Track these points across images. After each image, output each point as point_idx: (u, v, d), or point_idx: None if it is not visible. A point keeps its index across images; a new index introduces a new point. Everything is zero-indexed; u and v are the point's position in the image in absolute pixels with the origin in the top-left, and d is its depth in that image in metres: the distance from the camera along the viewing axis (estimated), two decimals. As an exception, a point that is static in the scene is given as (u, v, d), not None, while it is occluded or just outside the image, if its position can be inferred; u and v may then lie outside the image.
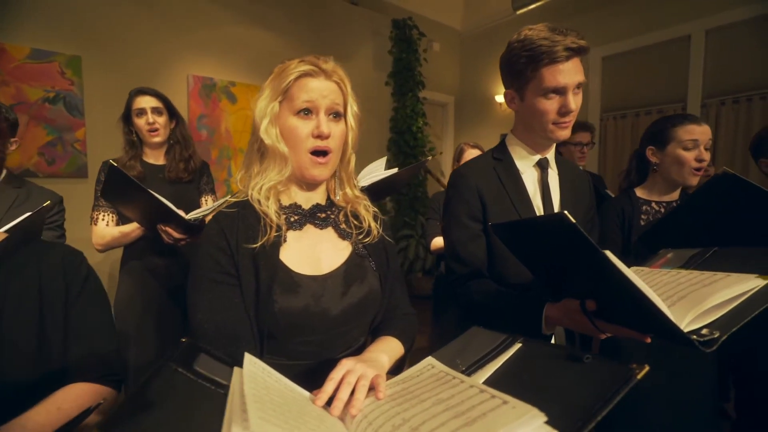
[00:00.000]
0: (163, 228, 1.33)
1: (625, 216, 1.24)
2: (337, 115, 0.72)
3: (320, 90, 0.69)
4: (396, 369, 0.72)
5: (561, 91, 0.87)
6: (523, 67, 0.89)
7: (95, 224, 1.53)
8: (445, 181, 3.52)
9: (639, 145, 1.34)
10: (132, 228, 1.46)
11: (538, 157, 0.99)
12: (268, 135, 0.70)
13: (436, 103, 5.04)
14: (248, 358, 0.51)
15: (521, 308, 0.83)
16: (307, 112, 0.70)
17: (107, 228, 1.52)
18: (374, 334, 0.77)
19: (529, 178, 1.00)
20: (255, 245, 0.67)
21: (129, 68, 3.14)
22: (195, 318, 0.66)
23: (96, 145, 3.02)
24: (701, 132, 1.18)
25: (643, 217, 1.22)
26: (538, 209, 0.98)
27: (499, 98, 4.51)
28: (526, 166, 1.00)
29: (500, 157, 1.02)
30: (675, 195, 1.27)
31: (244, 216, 0.70)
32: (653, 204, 1.25)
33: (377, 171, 1.68)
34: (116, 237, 1.49)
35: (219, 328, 0.65)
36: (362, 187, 1.61)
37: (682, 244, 0.79)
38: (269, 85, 0.72)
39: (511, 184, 0.98)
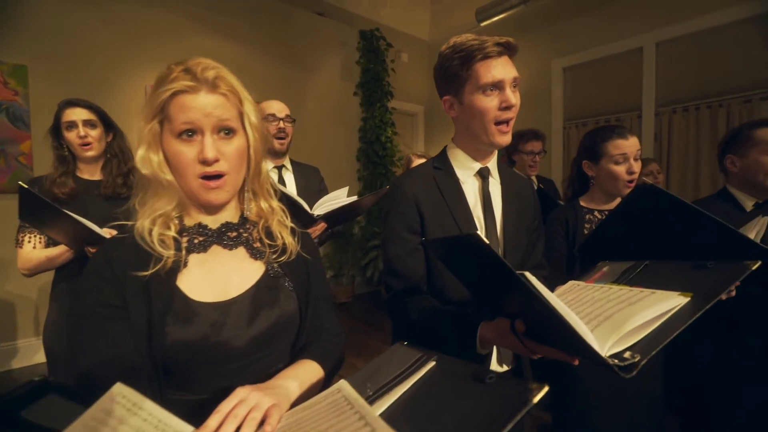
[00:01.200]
0: (91, 250, 1.23)
1: (569, 225, 1.23)
2: (229, 132, 0.64)
3: (202, 108, 0.60)
4: (315, 393, 0.67)
5: (499, 86, 0.86)
6: (457, 69, 0.88)
7: (21, 247, 1.40)
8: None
9: (576, 156, 1.36)
10: (59, 251, 1.35)
11: (479, 165, 0.96)
12: (147, 164, 0.61)
13: (406, 113, 5.05)
14: (117, 389, 0.45)
15: (456, 327, 0.78)
16: (190, 133, 0.60)
17: (34, 251, 1.39)
18: (295, 358, 0.70)
19: (470, 188, 0.96)
20: (146, 273, 0.59)
21: (81, 79, 2.98)
22: (79, 357, 0.58)
23: (44, 159, 2.83)
24: (629, 146, 1.21)
25: (586, 226, 1.22)
26: (479, 220, 0.94)
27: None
28: (466, 176, 0.97)
29: (440, 166, 0.98)
30: (615, 203, 1.29)
31: (135, 242, 0.62)
32: (596, 213, 1.26)
33: (339, 199, 1.60)
34: (42, 261, 1.37)
35: (105, 366, 0.57)
36: (317, 216, 1.55)
37: (617, 256, 0.77)
38: (147, 102, 0.62)
39: (451, 195, 0.94)
